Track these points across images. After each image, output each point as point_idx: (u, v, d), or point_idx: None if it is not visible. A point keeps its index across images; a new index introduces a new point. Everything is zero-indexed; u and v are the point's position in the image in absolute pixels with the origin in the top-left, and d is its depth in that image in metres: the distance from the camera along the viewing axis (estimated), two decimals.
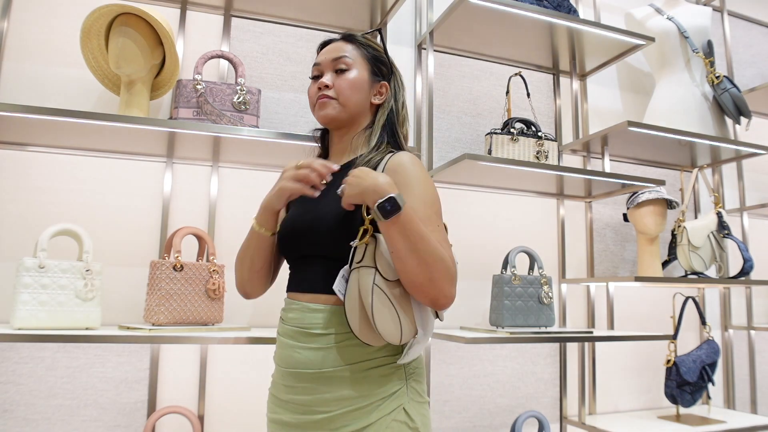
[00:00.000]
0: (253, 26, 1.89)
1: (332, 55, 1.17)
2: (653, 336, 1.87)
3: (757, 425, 2.05)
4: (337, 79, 1.16)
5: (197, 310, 1.50)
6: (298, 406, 1.05)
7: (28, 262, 1.33)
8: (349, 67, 1.16)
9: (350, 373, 1.03)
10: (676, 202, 2.11)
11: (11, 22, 1.64)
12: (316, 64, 1.19)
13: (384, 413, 1.02)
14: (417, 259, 0.95)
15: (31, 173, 1.61)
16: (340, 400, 1.02)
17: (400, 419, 1.03)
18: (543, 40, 2.04)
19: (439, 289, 0.97)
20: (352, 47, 1.19)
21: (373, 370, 1.04)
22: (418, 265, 0.95)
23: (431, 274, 0.96)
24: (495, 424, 2.02)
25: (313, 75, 1.20)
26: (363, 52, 1.19)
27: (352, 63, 1.17)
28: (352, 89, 1.16)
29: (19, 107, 1.33)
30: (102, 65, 1.55)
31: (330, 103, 1.15)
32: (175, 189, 1.73)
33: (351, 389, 1.03)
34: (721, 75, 2.19)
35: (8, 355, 1.54)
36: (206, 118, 1.52)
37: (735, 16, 2.79)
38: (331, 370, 1.03)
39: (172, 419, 1.63)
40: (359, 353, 1.04)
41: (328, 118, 1.17)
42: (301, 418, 1.04)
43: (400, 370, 1.06)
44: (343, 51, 1.17)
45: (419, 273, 0.96)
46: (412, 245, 0.95)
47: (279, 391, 1.10)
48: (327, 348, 1.03)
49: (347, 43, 1.19)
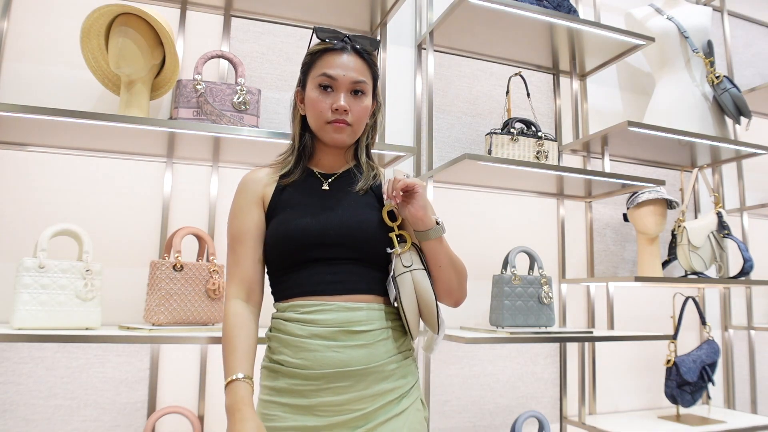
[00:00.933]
0: (253, 26, 1.89)
1: (352, 77, 1.12)
2: (653, 336, 1.87)
3: (757, 425, 2.05)
4: (353, 103, 1.13)
5: (197, 310, 1.50)
6: (331, 407, 1.04)
7: (28, 262, 1.33)
8: (365, 94, 1.15)
9: (391, 366, 1.09)
10: (676, 202, 2.11)
11: (11, 22, 1.64)
12: (329, 76, 1.11)
13: (410, 402, 1.10)
14: (453, 268, 1.14)
15: (31, 173, 1.61)
16: (379, 395, 1.06)
17: (419, 408, 1.13)
18: (543, 40, 2.04)
19: (463, 291, 1.18)
20: (367, 70, 1.16)
21: (404, 362, 1.12)
22: (455, 273, 1.14)
23: (460, 280, 1.15)
24: (495, 424, 2.02)
25: (323, 84, 1.13)
26: (373, 74, 1.18)
27: (367, 89, 1.15)
28: (365, 117, 1.16)
29: (19, 107, 1.33)
30: (102, 65, 1.55)
31: (346, 129, 1.13)
32: (175, 189, 1.73)
33: (390, 382, 1.08)
34: (721, 75, 2.19)
35: (8, 355, 1.54)
36: (206, 118, 1.52)
37: (735, 16, 2.79)
38: (375, 365, 1.06)
39: (172, 419, 1.63)
40: (393, 347, 1.11)
41: (340, 144, 1.16)
42: (333, 420, 1.04)
43: (415, 362, 1.18)
44: (362, 75, 1.14)
45: (454, 280, 1.14)
46: (450, 258, 1.13)
47: (298, 396, 1.06)
48: (371, 344, 1.07)
49: (364, 64, 1.15)
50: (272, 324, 1.15)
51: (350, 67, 1.13)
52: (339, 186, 1.18)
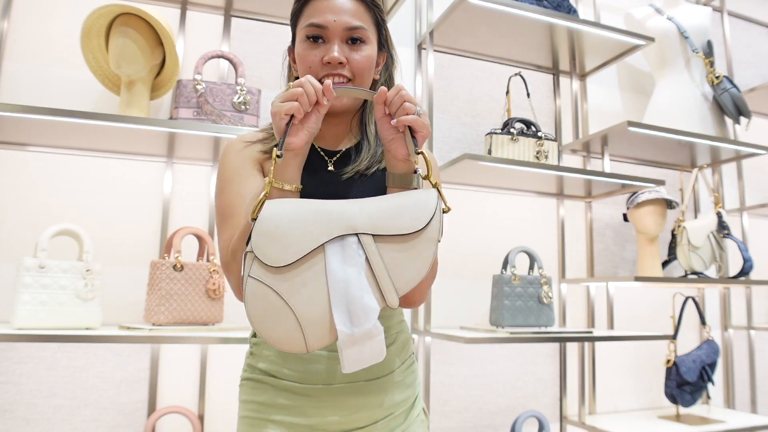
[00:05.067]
0: (253, 26, 1.89)
1: (346, 22, 0.91)
2: (653, 336, 1.87)
3: (757, 425, 2.05)
4: (351, 54, 0.91)
5: (197, 310, 1.50)
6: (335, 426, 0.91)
7: (29, 262, 1.33)
8: (366, 42, 0.93)
9: (399, 375, 0.97)
10: (676, 202, 2.11)
11: (11, 22, 1.64)
12: (317, 24, 0.91)
13: (417, 413, 0.99)
14: None
15: (31, 173, 1.62)
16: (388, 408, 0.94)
17: (423, 418, 1.02)
18: (543, 40, 2.04)
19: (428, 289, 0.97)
20: (366, 13, 0.94)
21: (409, 369, 1.00)
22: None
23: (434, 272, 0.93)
24: (495, 424, 2.02)
25: (312, 35, 0.92)
26: (375, 19, 0.96)
27: (368, 37, 0.93)
28: (368, 70, 0.94)
29: (19, 107, 1.33)
30: (102, 65, 1.55)
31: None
32: (175, 189, 1.73)
33: (399, 393, 0.96)
34: (721, 75, 2.19)
35: (8, 355, 1.54)
36: (206, 118, 1.52)
37: (735, 16, 2.79)
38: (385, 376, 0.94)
39: (172, 419, 1.63)
40: (400, 353, 0.99)
41: (338, 106, 0.93)
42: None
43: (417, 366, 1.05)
44: (360, 19, 0.92)
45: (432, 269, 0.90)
46: None
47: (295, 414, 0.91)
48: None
49: (362, 6, 0.94)
50: None
51: (343, 10, 0.91)
52: (346, 167, 0.96)
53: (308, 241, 0.76)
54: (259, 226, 0.75)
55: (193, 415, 1.58)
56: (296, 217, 0.77)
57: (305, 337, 0.74)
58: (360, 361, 0.74)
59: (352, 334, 0.73)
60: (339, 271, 0.75)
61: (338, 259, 0.76)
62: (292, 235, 0.76)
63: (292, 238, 0.76)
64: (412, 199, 0.82)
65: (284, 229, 0.76)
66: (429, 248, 0.79)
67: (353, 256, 0.76)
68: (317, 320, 0.74)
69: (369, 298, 0.75)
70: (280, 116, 0.80)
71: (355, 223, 0.78)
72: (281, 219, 0.76)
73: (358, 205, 0.81)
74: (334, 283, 0.75)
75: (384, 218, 0.79)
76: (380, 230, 0.78)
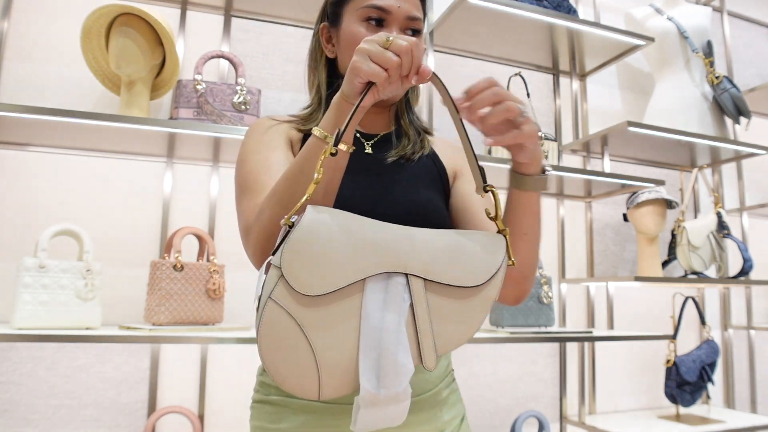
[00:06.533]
0: (253, 26, 1.89)
1: (408, 11, 0.86)
2: (653, 336, 1.87)
3: (757, 425, 2.05)
4: None
5: (197, 310, 1.50)
6: None
7: (29, 262, 1.33)
8: (421, 34, 0.90)
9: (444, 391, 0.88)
10: (675, 202, 2.11)
11: (11, 22, 1.64)
12: (380, 7, 0.85)
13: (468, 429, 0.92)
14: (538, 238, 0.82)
15: (31, 173, 1.61)
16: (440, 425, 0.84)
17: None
18: (543, 40, 2.04)
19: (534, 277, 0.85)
20: (420, 5, 0.91)
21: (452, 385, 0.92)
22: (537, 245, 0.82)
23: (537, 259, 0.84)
24: (495, 424, 2.02)
25: (372, 17, 0.86)
26: (424, 12, 0.93)
27: (422, 29, 0.90)
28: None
29: (19, 107, 1.33)
30: (102, 65, 1.55)
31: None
32: (175, 189, 1.73)
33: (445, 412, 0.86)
34: (721, 75, 2.19)
35: (8, 355, 1.54)
36: (206, 119, 1.52)
37: (735, 16, 2.79)
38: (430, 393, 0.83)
39: (172, 419, 1.63)
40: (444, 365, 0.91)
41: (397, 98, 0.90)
42: None
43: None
44: (419, 11, 0.89)
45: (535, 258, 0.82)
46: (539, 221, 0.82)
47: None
48: None
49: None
50: None
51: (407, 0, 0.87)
52: (385, 151, 0.90)
53: (350, 272, 0.63)
54: (296, 241, 0.61)
55: (193, 415, 1.58)
56: (341, 238, 0.63)
57: (320, 383, 0.61)
58: (374, 423, 0.62)
59: (377, 394, 0.60)
60: (376, 315, 0.63)
61: (379, 299, 0.63)
62: (333, 260, 0.62)
63: (332, 265, 0.62)
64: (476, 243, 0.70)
65: (324, 250, 0.62)
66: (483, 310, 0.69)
67: (397, 300, 0.64)
68: (339, 368, 0.61)
69: (405, 355, 0.62)
70: (360, 76, 0.67)
71: (407, 260, 0.65)
72: (322, 236, 0.62)
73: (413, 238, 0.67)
74: (368, 329, 0.62)
75: (441, 261, 0.67)
76: (434, 275, 0.66)
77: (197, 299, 1.50)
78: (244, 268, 1.74)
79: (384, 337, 0.62)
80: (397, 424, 0.64)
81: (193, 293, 1.50)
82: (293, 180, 0.70)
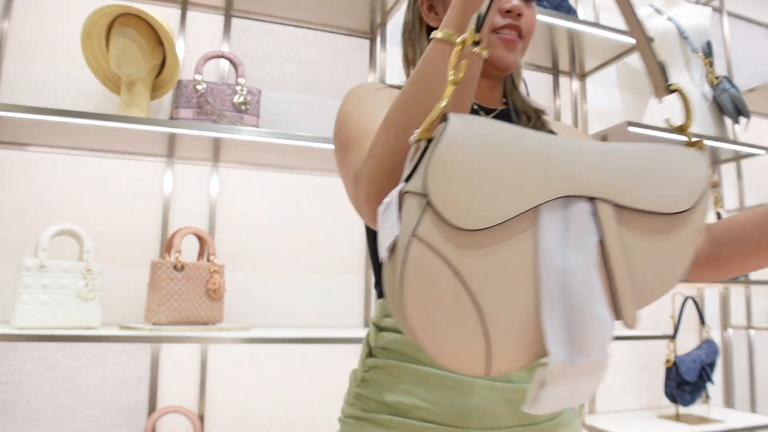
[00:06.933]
0: (253, 26, 1.89)
1: None
2: (653, 336, 1.87)
3: (757, 425, 2.05)
4: (527, 11, 0.79)
5: (198, 310, 1.50)
6: None
7: (29, 262, 1.34)
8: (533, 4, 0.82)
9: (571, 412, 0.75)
10: None
11: (12, 22, 1.64)
12: None
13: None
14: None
15: (31, 173, 1.62)
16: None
17: None
18: (542, 40, 2.04)
19: None
20: None
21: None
22: None
23: None
24: None
25: None
26: None
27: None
28: (533, 35, 0.83)
29: (20, 107, 1.33)
30: (103, 65, 1.55)
31: (518, 44, 0.80)
32: (175, 189, 1.73)
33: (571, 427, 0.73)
34: (721, 76, 2.19)
35: (8, 355, 1.54)
36: (207, 119, 1.52)
37: (734, 16, 2.79)
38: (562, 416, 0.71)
39: (172, 419, 1.63)
40: None
41: (509, 64, 0.80)
42: None
43: None
44: None
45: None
46: None
47: None
48: None
49: None
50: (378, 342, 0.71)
51: None
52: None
53: (521, 196, 0.44)
54: (443, 157, 0.43)
55: (193, 415, 1.58)
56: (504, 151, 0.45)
57: (491, 353, 0.43)
58: (561, 402, 0.45)
59: (573, 364, 0.43)
60: (558, 254, 0.45)
61: (558, 235, 0.45)
62: (498, 180, 0.44)
63: (497, 187, 0.44)
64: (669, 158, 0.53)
65: (484, 167, 0.44)
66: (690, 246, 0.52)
67: (582, 234, 0.46)
68: (514, 329, 0.43)
69: (602, 306, 0.45)
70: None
71: (591, 180, 0.47)
72: (477, 150, 0.44)
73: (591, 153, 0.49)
74: (550, 274, 0.44)
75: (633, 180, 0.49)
76: (627, 199, 0.48)
77: (197, 299, 1.50)
78: (244, 268, 1.74)
79: (572, 285, 0.44)
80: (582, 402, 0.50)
81: (193, 293, 1.50)
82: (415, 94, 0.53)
